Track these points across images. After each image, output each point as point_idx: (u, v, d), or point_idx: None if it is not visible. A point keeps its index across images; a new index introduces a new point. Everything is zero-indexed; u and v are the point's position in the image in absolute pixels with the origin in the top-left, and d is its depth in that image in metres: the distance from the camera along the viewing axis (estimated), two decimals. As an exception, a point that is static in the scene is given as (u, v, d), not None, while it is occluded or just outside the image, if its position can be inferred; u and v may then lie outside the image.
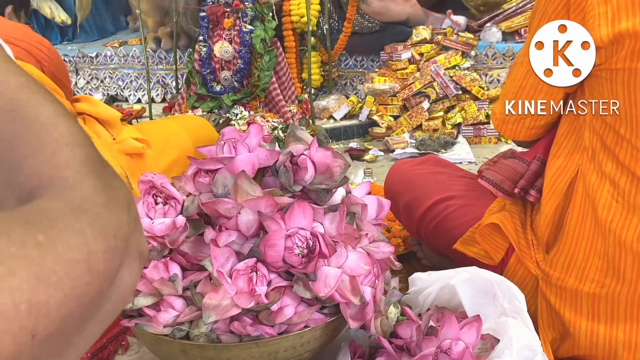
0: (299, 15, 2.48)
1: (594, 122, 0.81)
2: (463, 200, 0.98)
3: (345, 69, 2.70)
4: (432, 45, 2.41)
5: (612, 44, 0.73)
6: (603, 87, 0.78)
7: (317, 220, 0.85)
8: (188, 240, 0.86)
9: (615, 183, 0.79)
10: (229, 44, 2.23)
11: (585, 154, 0.82)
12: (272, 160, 0.89)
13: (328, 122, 2.46)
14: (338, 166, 0.89)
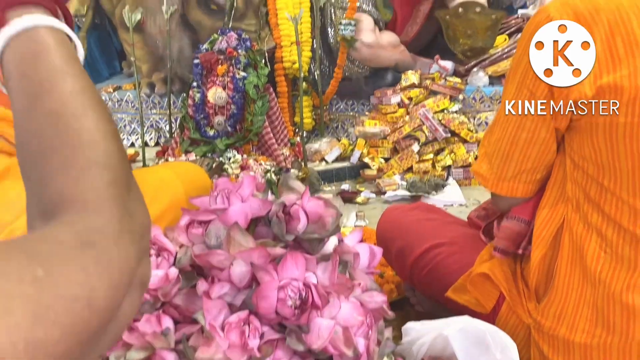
0: (290, 61, 2.54)
1: (575, 174, 0.82)
2: (454, 247, 0.99)
3: (337, 113, 2.75)
4: (421, 89, 2.47)
5: (594, 98, 0.74)
6: (584, 140, 0.79)
7: (310, 270, 0.86)
8: (181, 293, 0.86)
9: (602, 234, 0.79)
10: (222, 89, 2.27)
11: (570, 204, 0.83)
12: (265, 210, 0.90)
13: (320, 164, 2.49)
14: (330, 215, 0.90)
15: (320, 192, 2.29)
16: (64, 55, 0.41)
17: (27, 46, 0.41)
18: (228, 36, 2.29)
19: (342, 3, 2.55)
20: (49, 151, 0.38)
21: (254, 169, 2.20)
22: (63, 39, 0.43)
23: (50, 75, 0.40)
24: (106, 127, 0.40)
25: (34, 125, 0.39)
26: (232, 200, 0.89)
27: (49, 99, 0.39)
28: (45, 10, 0.43)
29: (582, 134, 0.79)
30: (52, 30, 0.42)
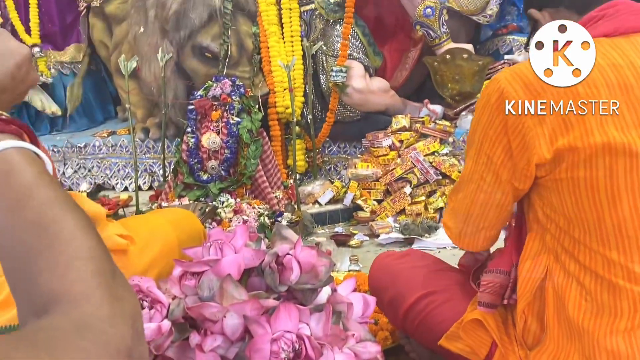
0: (284, 106, 2.59)
1: (549, 226, 0.84)
2: (445, 295, 1.00)
3: (329, 155, 2.79)
4: (411, 132, 2.52)
5: (554, 159, 0.78)
6: (552, 195, 0.82)
7: (303, 321, 0.86)
8: (173, 345, 0.85)
9: (581, 282, 0.81)
10: (216, 134, 2.30)
11: (551, 255, 0.85)
12: (258, 261, 0.91)
13: (313, 207, 2.50)
14: (323, 265, 0.91)
15: (313, 235, 2.30)
16: (34, 170, 0.46)
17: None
18: (222, 83, 2.34)
19: (333, 51, 2.62)
20: (33, 255, 0.42)
21: (247, 212, 2.20)
22: (31, 157, 0.48)
23: (25, 189, 0.45)
24: (84, 224, 0.44)
25: (16, 235, 0.43)
26: (225, 251, 0.89)
27: (26, 211, 0.43)
28: (11, 135, 0.49)
29: (549, 190, 0.82)
30: (20, 150, 0.48)
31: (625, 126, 0.76)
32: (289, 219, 2.16)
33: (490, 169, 0.85)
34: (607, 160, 0.76)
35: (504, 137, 0.82)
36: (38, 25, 3.03)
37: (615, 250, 0.78)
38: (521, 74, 0.80)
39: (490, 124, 0.82)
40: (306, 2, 2.65)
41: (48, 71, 3.08)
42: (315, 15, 2.66)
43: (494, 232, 0.92)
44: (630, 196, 0.77)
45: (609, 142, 0.75)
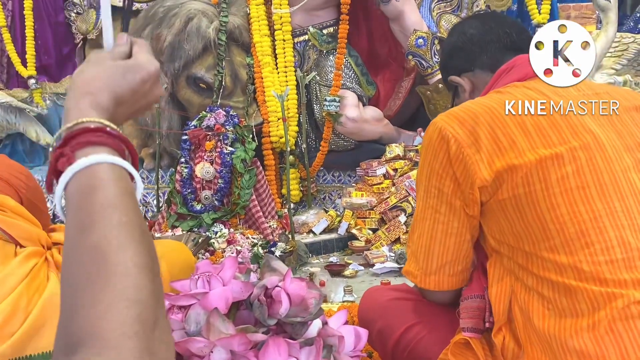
0: (278, 136, 2.60)
1: (502, 249, 0.89)
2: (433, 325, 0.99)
3: (324, 184, 2.78)
4: (405, 161, 2.53)
5: (495, 181, 0.85)
6: (498, 217, 0.87)
7: (293, 356, 0.84)
8: (159, 382, 0.83)
9: (541, 293, 0.84)
10: (210, 164, 2.30)
11: (512, 275, 0.88)
12: (247, 294, 0.89)
13: (308, 236, 2.48)
14: (313, 297, 0.89)
15: (308, 265, 2.27)
16: (117, 190, 0.46)
17: (86, 181, 0.47)
18: (216, 113, 2.35)
19: (326, 81, 2.65)
20: (83, 283, 0.42)
21: (240, 243, 2.19)
22: (122, 175, 0.49)
23: (101, 209, 0.45)
24: (143, 261, 0.43)
25: (77, 257, 0.43)
26: (213, 283, 0.88)
27: (93, 232, 0.44)
28: (111, 149, 0.49)
29: (494, 213, 0.88)
30: (112, 167, 0.48)
31: (552, 144, 0.85)
32: (283, 248, 2.14)
33: (442, 200, 0.90)
34: (541, 174, 0.84)
35: (449, 169, 0.88)
36: (34, 57, 3.06)
37: (563, 254, 0.82)
38: (455, 114, 0.90)
39: (435, 159, 0.90)
40: (299, 33, 2.69)
41: (43, 102, 3.10)
42: (309, 46, 2.69)
43: (459, 267, 0.94)
44: (566, 200, 0.83)
45: (540, 158, 0.84)
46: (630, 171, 0.86)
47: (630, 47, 2.37)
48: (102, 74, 0.56)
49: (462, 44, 1.08)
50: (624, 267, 0.80)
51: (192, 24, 2.47)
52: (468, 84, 1.07)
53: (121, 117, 0.56)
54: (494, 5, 2.72)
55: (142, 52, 0.59)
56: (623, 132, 0.90)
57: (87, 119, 0.50)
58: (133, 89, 0.56)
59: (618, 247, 0.81)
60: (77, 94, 0.53)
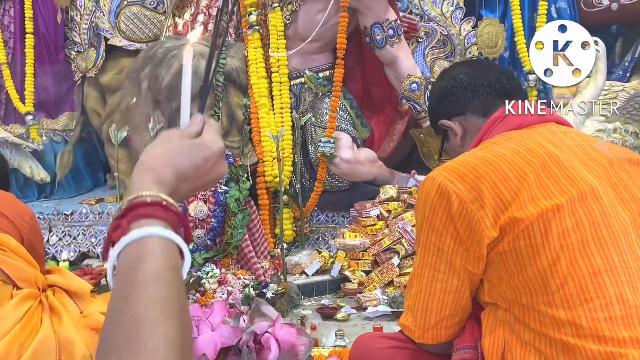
0: (272, 175, 2.61)
1: (499, 301, 0.88)
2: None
3: (317, 224, 2.78)
4: (399, 202, 2.53)
5: (499, 235, 0.84)
6: (498, 269, 0.86)
7: (281, 405, 0.82)
8: None
9: (538, 349, 0.82)
10: (203, 203, 2.30)
11: (506, 327, 0.87)
12: (236, 339, 0.88)
13: (300, 277, 2.46)
14: (303, 344, 0.88)
15: (299, 307, 2.24)
16: (162, 263, 0.48)
17: (135, 252, 0.49)
18: (211, 152, 2.36)
19: (321, 122, 2.69)
20: (115, 351, 0.43)
21: (232, 283, 2.16)
22: (171, 249, 0.50)
23: (143, 281, 0.47)
24: (174, 337, 0.45)
25: (114, 325, 0.45)
26: (202, 328, 0.87)
27: (132, 303, 0.45)
28: (165, 223, 0.51)
29: (494, 265, 0.86)
30: (162, 240, 0.50)
31: (552, 195, 0.85)
32: (274, 290, 2.12)
33: (442, 259, 0.88)
34: (542, 227, 0.83)
35: (450, 226, 0.86)
36: (32, 93, 3.09)
37: (562, 309, 0.81)
38: (453, 169, 0.88)
39: (434, 215, 0.88)
40: (296, 76, 2.74)
41: (40, 138, 3.11)
42: (305, 88, 2.74)
43: (457, 319, 0.93)
44: (566, 254, 0.82)
45: (541, 211, 0.83)
46: (628, 227, 0.86)
47: (619, 95, 2.43)
48: (168, 150, 0.59)
49: (453, 88, 1.08)
50: (622, 324, 0.79)
51: (191, 65, 2.51)
52: (460, 128, 1.07)
53: (184, 192, 0.59)
54: (486, 52, 2.80)
55: (209, 131, 0.62)
56: (618, 185, 0.90)
57: (147, 192, 0.53)
58: (196, 166, 0.59)
59: (617, 303, 0.80)
60: (142, 169, 0.56)
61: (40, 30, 3.13)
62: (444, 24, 2.85)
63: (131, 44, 2.99)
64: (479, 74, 1.09)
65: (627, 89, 2.46)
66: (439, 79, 1.15)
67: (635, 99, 2.42)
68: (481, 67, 1.12)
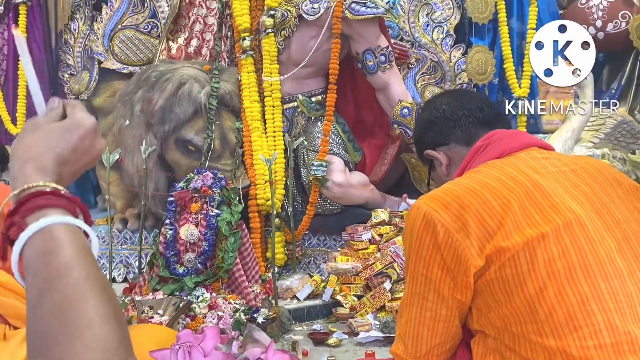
0: (264, 199, 2.61)
1: (488, 331, 0.88)
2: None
3: (309, 248, 2.77)
4: (391, 226, 2.53)
5: (485, 264, 0.85)
6: (486, 297, 0.86)
7: None
8: None
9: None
10: (195, 226, 2.29)
11: (497, 354, 0.87)
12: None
13: (291, 302, 2.44)
14: (295, 371, 0.87)
15: (290, 332, 2.22)
16: (73, 249, 0.48)
17: (41, 244, 0.48)
18: (204, 175, 2.36)
19: (314, 146, 2.70)
20: (51, 341, 0.44)
21: (222, 308, 2.14)
22: (76, 233, 0.50)
23: (58, 270, 0.46)
24: (105, 311, 0.45)
25: (40, 319, 0.44)
26: (194, 355, 0.86)
27: (54, 293, 0.45)
28: (62, 210, 0.51)
29: (482, 293, 0.87)
30: (65, 227, 0.50)
31: (536, 224, 0.85)
32: (265, 315, 2.09)
33: (430, 288, 0.89)
34: (528, 255, 0.83)
35: (437, 255, 0.87)
36: (24, 115, 3.09)
37: (552, 338, 0.81)
38: (438, 198, 0.89)
39: (421, 245, 0.88)
40: (289, 100, 2.76)
41: (30, 160, 3.09)
42: (298, 112, 2.76)
43: (448, 346, 0.93)
44: (553, 282, 0.82)
45: (526, 240, 0.84)
46: (613, 252, 0.86)
47: (607, 121, 2.47)
48: (41, 138, 0.57)
49: (436, 118, 1.11)
50: (612, 352, 0.79)
51: (184, 88, 2.53)
52: (444, 157, 1.09)
53: (67, 176, 0.58)
54: (476, 79, 2.84)
55: (76, 110, 0.61)
56: (601, 210, 0.91)
57: (33, 183, 0.52)
58: (73, 147, 0.58)
59: (606, 331, 0.80)
60: (20, 162, 0.54)
61: (33, 52, 3.14)
62: (435, 50, 2.91)
63: (124, 67, 3.01)
64: (460, 104, 1.11)
65: (615, 115, 2.50)
66: (423, 110, 1.18)
67: (622, 125, 2.47)
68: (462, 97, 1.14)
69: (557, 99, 2.85)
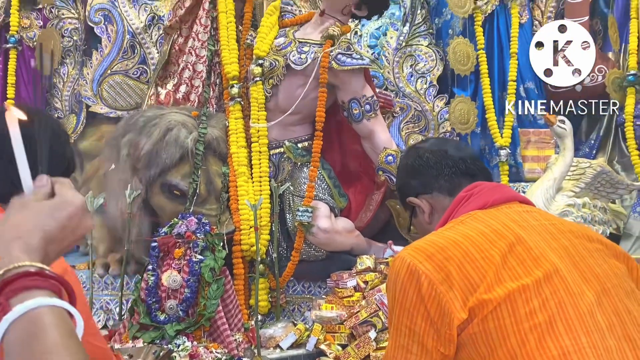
0: (249, 244, 2.59)
1: None
2: None
3: (293, 295, 2.73)
4: (376, 273, 2.52)
5: (469, 317, 0.86)
6: (469, 351, 0.86)
7: None
8: None
9: None
10: (177, 273, 2.26)
11: None
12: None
13: (274, 351, 2.38)
14: None
15: (273, 383, 2.17)
16: (57, 334, 0.48)
17: (25, 328, 0.47)
18: (188, 220, 2.35)
19: (300, 192, 2.71)
20: None
21: (204, 357, 2.09)
22: (62, 315, 0.49)
23: (44, 354, 0.45)
24: None
25: None
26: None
27: None
28: (47, 291, 0.50)
29: (466, 347, 0.87)
30: (50, 309, 0.49)
31: (517, 276, 0.86)
32: (248, 365, 2.05)
33: (414, 340, 0.88)
34: (510, 308, 0.84)
35: (420, 306, 0.87)
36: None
37: None
38: (422, 249, 0.90)
39: (405, 296, 0.89)
40: (275, 146, 2.79)
41: (12, 203, 3.06)
42: (284, 158, 2.79)
43: None
44: (535, 335, 0.82)
45: (508, 292, 0.84)
46: (593, 306, 0.87)
47: (587, 171, 2.53)
48: (29, 216, 0.57)
49: (420, 166, 1.13)
50: None
51: (171, 134, 2.55)
52: (427, 205, 1.11)
53: (53, 254, 0.57)
54: (459, 128, 2.91)
55: (65, 188, 0.60)
56: (580, 264, 0.93)
57: (19, 263, 0.51)
58: (62, 225, 0.57)
59: None
60: (7, 240, 0.54)
61: (22, 96, 3.16)
62: (418, 100, 2.98)
63: (112, 111, 3.03)
64: (443, 153, 1.13)
65: (594, 165, 2.56)
66: (406, 157, 1.20)
67: (602, 175, 2.52)
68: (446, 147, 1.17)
69: (538, 149, 2.92)
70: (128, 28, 3.06)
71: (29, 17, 3.19)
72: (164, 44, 2.97)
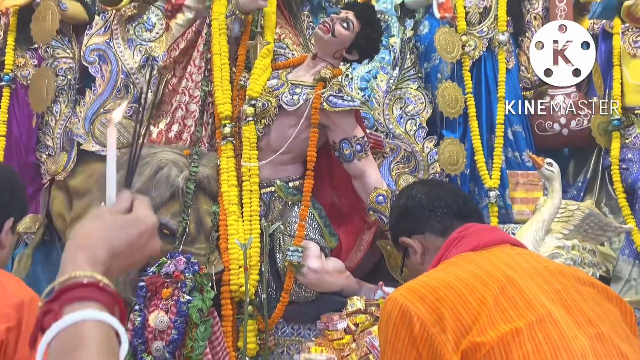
0: (238, 284, 2.56)
1: None
2: None
3: (282, 337, 2.68)
4: (367, 315, 2.49)
5: (462, 358, 0.84)
6: None
7: None
8: None
9: None
10: (165, 313, 2.21)
11: None
12: None
13: (263, 397, 2.32)
14: None
15: None
16: (97, 350, 0.46)
17: (69, 339, 0.47)
18: (177, 260, 2.32)
19: (290, 231, 2.70)
20: None
21: (189, 403, 2.02)
22: (108, 333, 0.49)
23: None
24: None
25: None
26: None
27: None
28: (100, 305, 0.50)
29: None
30: (98, 324, 0.48)
31: (510, 319, 0.86)
32: (234, 410, 1.99)
33: None
34: (503, 351, 0.83)
35: (412, 349, 0.86)
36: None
37: None
38: (415, 290, 0.90)
39: (397, 338, 0.88)
40: (266, 185, 2.80)
41: (2, 241, 3.01)
42: (275, 197, 2.79)
43: None
44: None
45: (501, 335, 0.84)
46: (587, 350, 0.87)
47: (575, 213, 2.55)
48: (101, 227, 0.58)
49: (412, 207, 1.14)
50: None
51: (162, 172, 2.55)
52: (419, 246, 1.11)
53: (117, 269, 0.57)
54: (448, 169, 2.94)
55: (141, 206, 0.62)
56: (572, 308, 0.92)
57: (80, 272, 0.52)
58: (130, 242, 0.58)
59: None
60: (74, 247, 0.55)
61: (13, 133, 3.16)
62: (408, 141, 3.02)
63: (104, 149, 3.03)
64: (436, 195, 1.15)
65: (582, 208, 2.59)
66: (399, 198, 1.21)
67: (590, 217, 2.55)
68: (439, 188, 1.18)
69: (526, 191, 2.95)
70: (122, 68, 3.10)
71: (24, 56, 3.22)
72: (145, 84, 3.00)
